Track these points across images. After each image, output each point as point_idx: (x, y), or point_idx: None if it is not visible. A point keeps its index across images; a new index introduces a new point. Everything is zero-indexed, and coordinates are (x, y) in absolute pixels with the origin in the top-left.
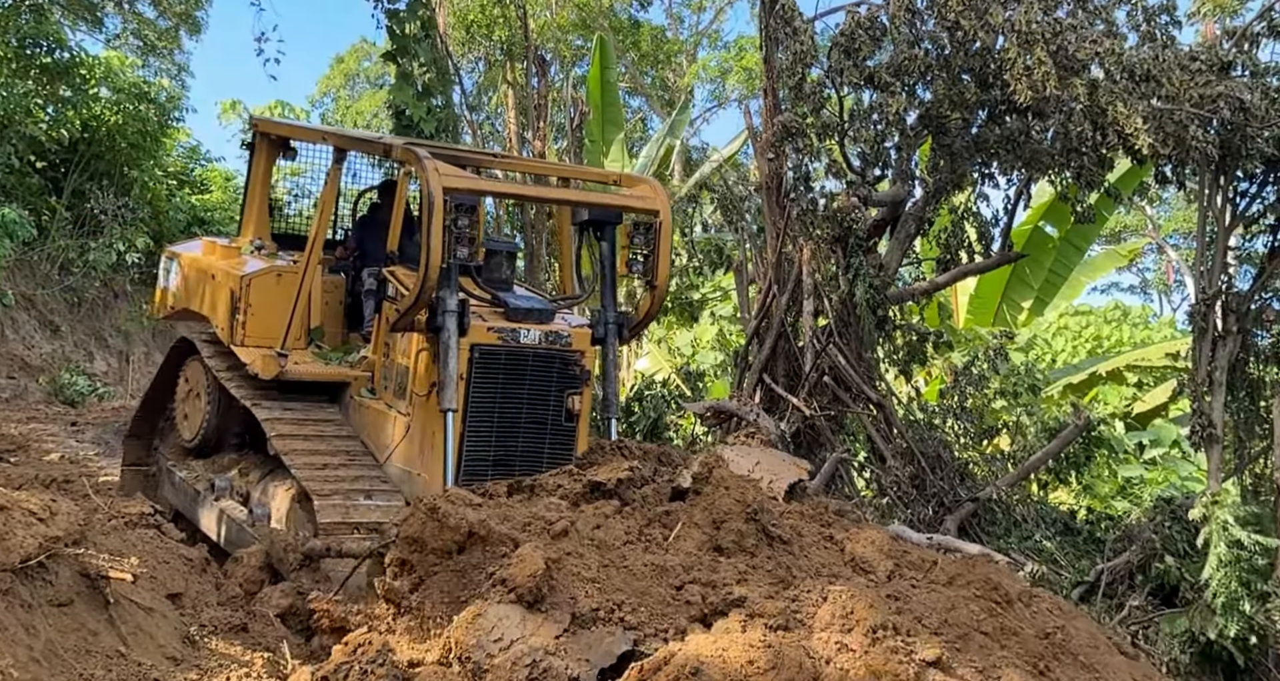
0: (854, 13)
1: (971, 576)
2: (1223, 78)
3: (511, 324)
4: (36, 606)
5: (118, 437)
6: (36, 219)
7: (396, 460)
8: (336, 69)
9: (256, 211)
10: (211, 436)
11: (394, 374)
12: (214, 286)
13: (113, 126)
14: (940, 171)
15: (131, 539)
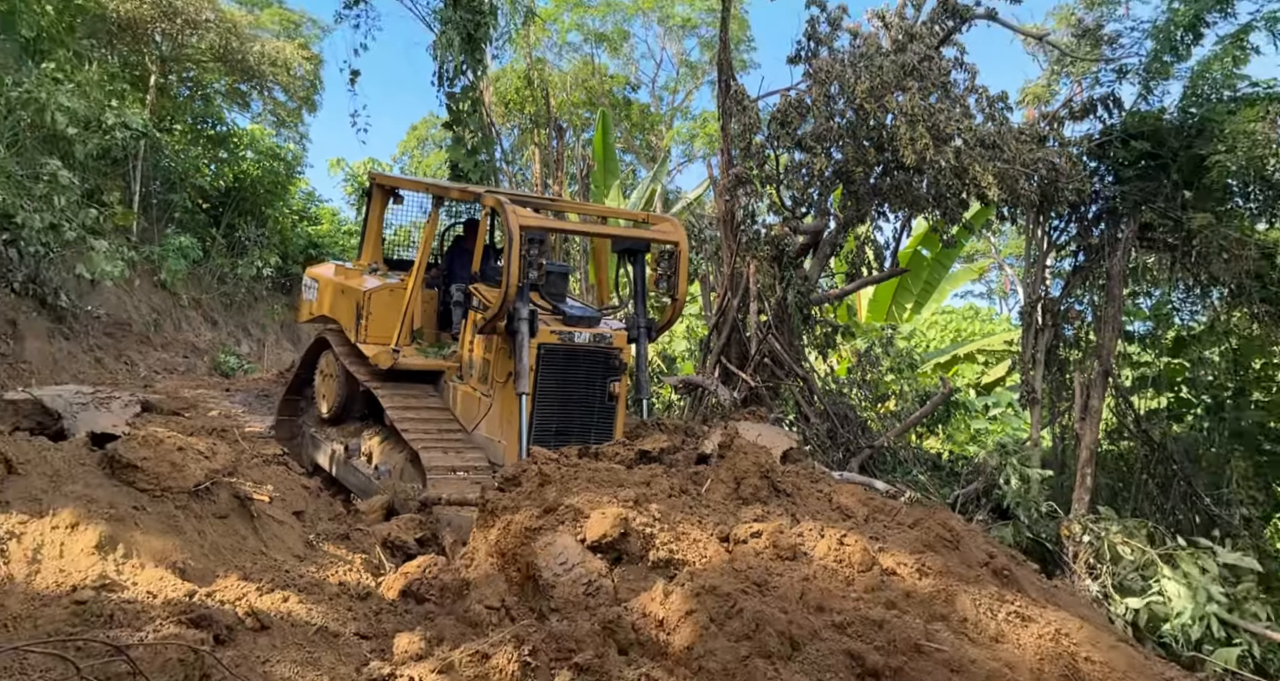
0: (786, 95)
1: (930, 520)
2: (1040, 147)
3: (568, 328)
4: (205, 518)
5: (259, 399)
6: (201, 244)
7: (481, 430)
8: (411, 134)
9: (372, 242)
10: (341, 410)
11: (477, 365)
12: (344, 298)
13: (254, 178)
14: (848, 210)
15: (268, 472)
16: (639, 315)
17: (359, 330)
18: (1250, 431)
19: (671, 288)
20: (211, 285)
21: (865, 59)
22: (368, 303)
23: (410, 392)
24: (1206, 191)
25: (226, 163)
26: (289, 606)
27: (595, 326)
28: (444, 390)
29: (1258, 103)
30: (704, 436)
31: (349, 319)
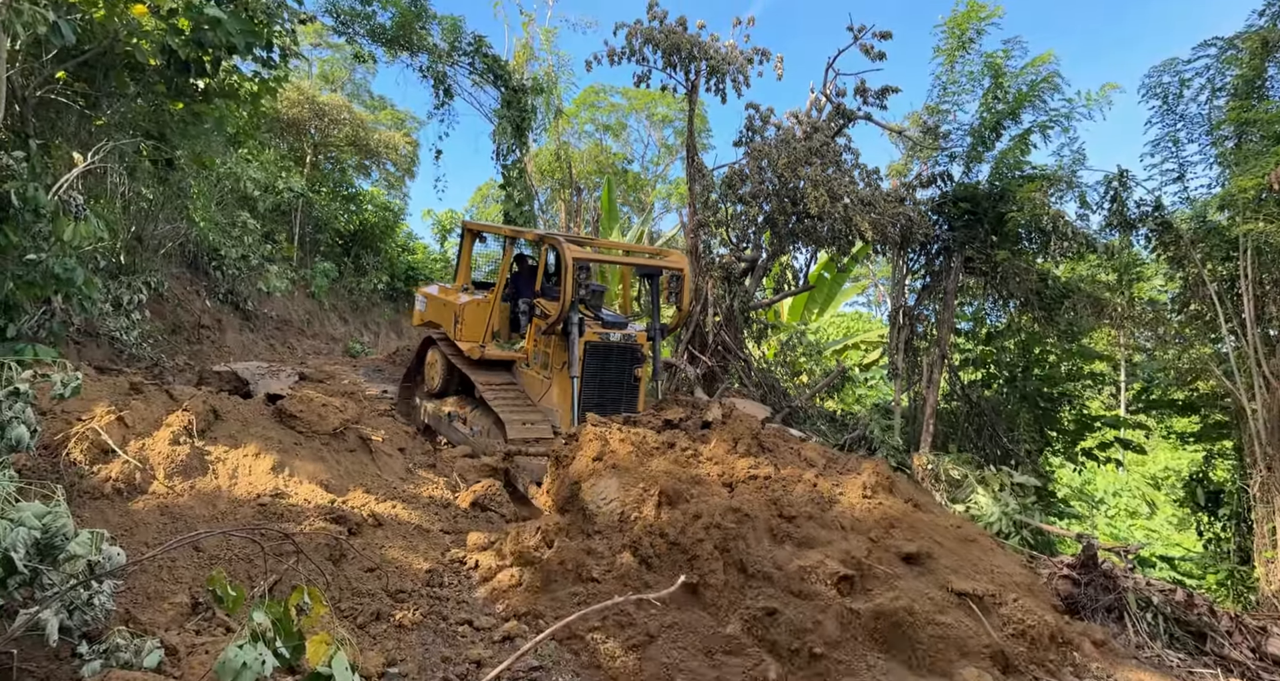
0: (732, 167)
1: (874, 467)
2: (900, 205)
3: (605, 330)
4: (340, 451)
5: (375, 373)
6: (338, 268)
7: (544, 403)
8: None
9: (464, 270)
10: (444, 387)
11: (539, 356)
12: (445, 309)
13: (373, 223)
14: (774, 245)
15: (381, 421)
16: (655, 321)
17: (456, 332)
18: (1032, 395)
19: (679, 302)
20: (344, 295)
21: (784, 143)
22: (462, 313)
23: (493, 375)
24: (1005, 236)
25: (354, 213)
26: (396, 511)
27: (624, 329)
28: (516, 374)
29: (1036, 179)
30: (705, 408)
31: (450, 324)
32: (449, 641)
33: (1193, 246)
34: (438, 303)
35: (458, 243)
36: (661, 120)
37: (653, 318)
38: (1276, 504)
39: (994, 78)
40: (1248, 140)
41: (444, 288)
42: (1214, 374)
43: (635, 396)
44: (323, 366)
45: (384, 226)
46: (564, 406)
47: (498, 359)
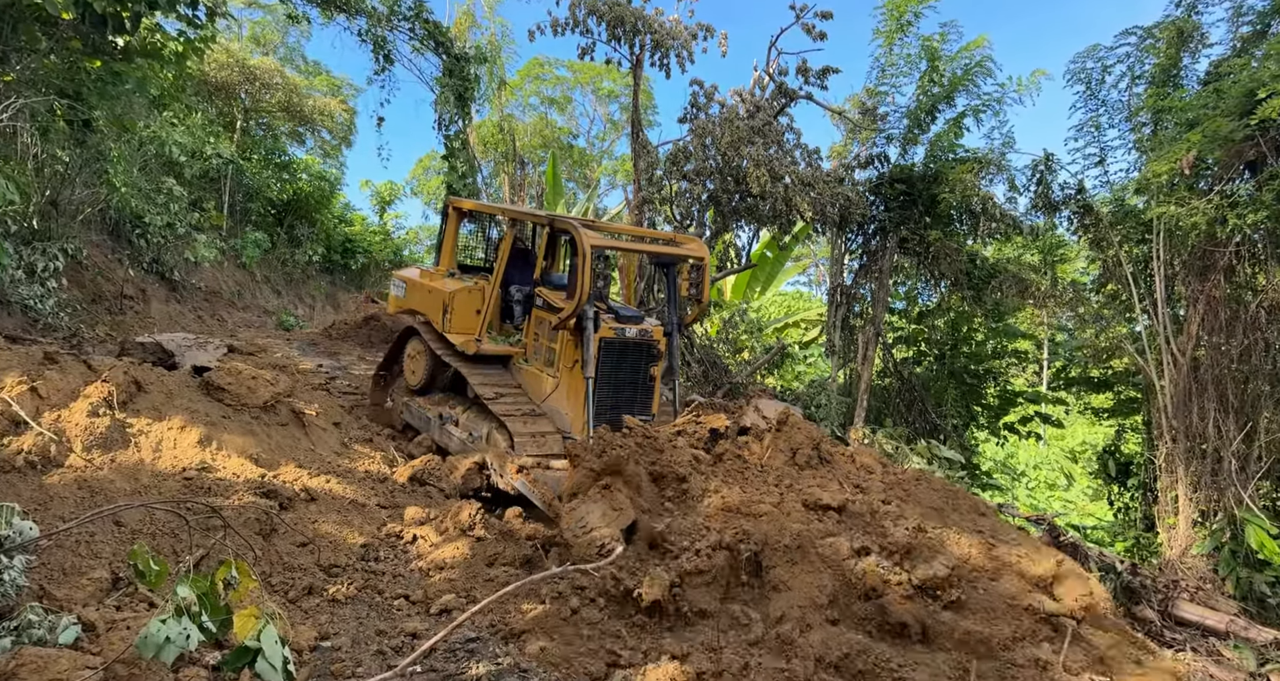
0: (677, 144)
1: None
2: (840, 186)
3: (621, 325)
4: (271, 425)
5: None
6: (270, 239)
7: (549, 403)
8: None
9: (449, 253)
10: (427, 383)
11: (543, 352)
12: (431, 297)
13: (307, 193)
14: (717, 223)
15: (315, 395)
16: (671, 315)
17: (444, 322)
18: (959, 371)
19: (699, 293)
20: (277, 267)
21: (728, 121)
22: (452, 301)
23: (489, 372)
24: (938, 218)
25: (288, 182)
26: (330, 485)
27: (640, 323)
28: (513, 370)
29: (967, 161)
30: (739, 412)
31: (436, 313)
32: (384, 615)
33: (1111, 229)
34: (421, 289)
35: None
36: (607, 95)
37: (668, 311)
38: (1179, 473)
39: (930, 61)
40: (1163, 127)
41: (426, 271)
42: (1128, 352)
43: (649, 397)
44: (254, 339)
45: (319, 196)
46: (575, 409)
47: (494, 354)
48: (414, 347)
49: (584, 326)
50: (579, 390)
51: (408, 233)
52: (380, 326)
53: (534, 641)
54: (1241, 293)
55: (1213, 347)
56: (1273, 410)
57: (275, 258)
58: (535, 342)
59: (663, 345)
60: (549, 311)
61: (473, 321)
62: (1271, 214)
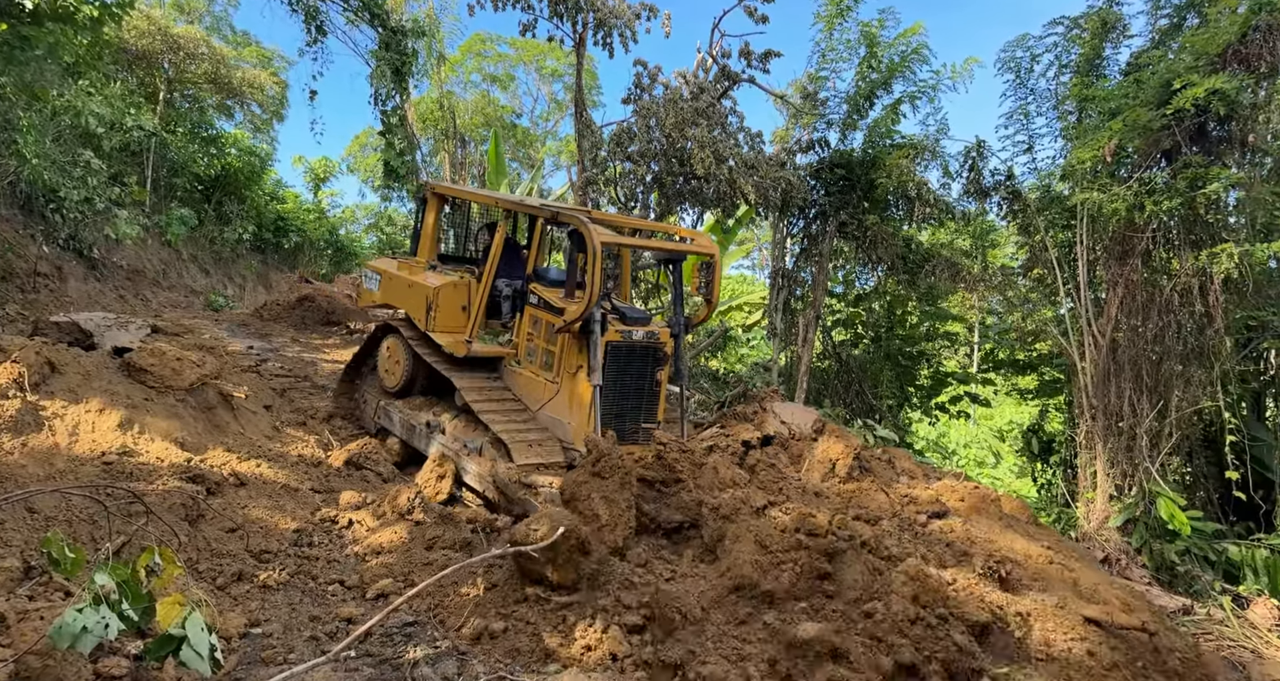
0: (621, 125)
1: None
2: (782, 170)
3: (627, 327)
4: (198, 407)
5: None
6: (197, 216)
7: (547, 411)
8: (355, 141)
9: (430, 242)
10: (406, 386)
11: (538, 354)
12: (412, 292)
13: (236, 169)
14: (662, 205)
15: (245, 378)
16: (678, 315)
17: (428, 320)
18: (894, 353)
19: (709, 292)
20: (205, 245)
21: (672, 103)
22: (437, 297)
23: (477, 376)
24: (876, 202)
25: (216, 157)
26: (261, 470)
27: (646, 325)
28: (503, 372)
29: (904, 147)
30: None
31: (419, 310)
32: (318, 600)
33: (1038, 215)
34: (399, 282)
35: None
36: (551, 74)
37: (675, 311)
38: (1098, 450)
39: (869, 47)
40: (1087, 116)
41: (404, 262)
42: (1052, 335)
43: (655, 404)
44: (180, 320)
45: (249, 172)
46: (577, 418)
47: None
48: (391, 346)
49: (591, 330)
50: (582, 398)
51: (344, 211)
52: (315, 307)
53: (472, 623)
54: (1157, 277)
55: (1130, 330)
56: (1183, 388)
57: (203, 235)
58: (529, 343)
59: (669, 348)
60: (545, 310)
61: (458, 319)
62: (1185, 201)
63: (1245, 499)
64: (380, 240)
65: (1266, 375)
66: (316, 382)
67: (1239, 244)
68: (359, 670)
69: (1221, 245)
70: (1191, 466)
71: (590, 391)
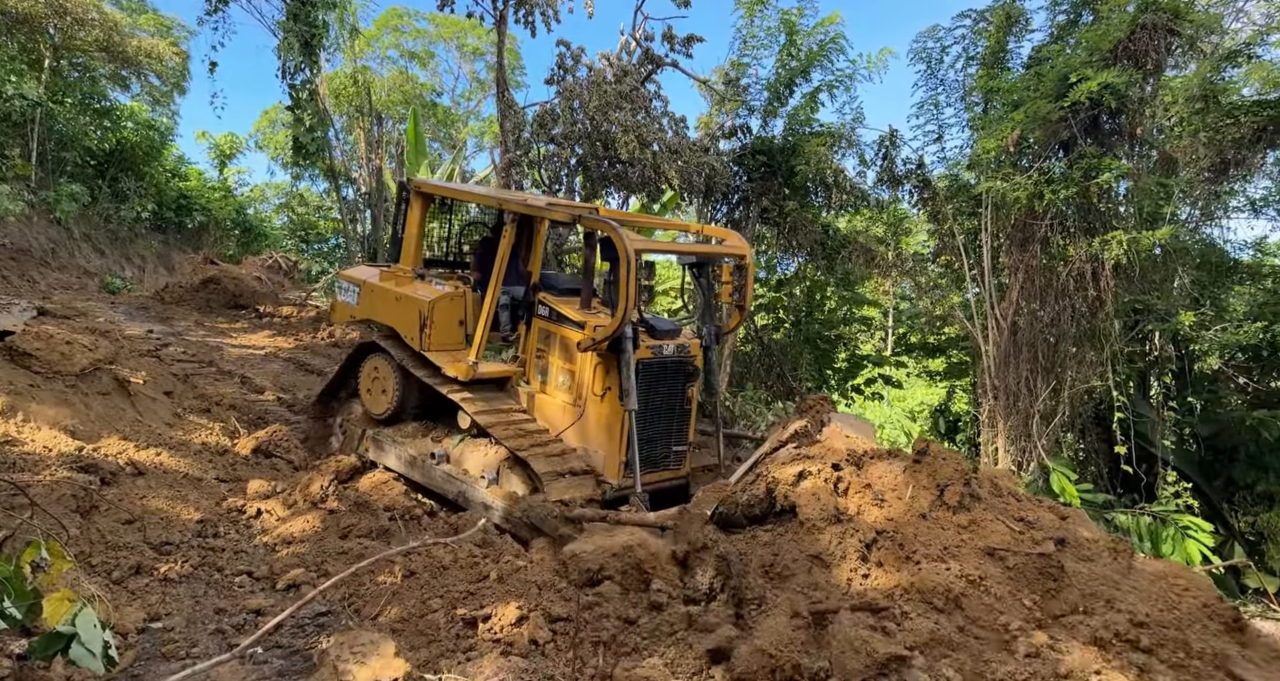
0: (544, 106)
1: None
2: (706, 155)
3: (658, 341)
4: (90, 394)
5: (139, 311)
6: (90, 192)
7: (569, 437)
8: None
9: (416, 248)
10: (397, 412)
11: (553, 373)
12: (401, 306)
13: (133, 143)
14: (588, 189)
15: (143, 362)
16: (708, 324)
17: (423, 338)
18: (813, 337)
19: (742, 298)
20: (99, 224)
21: (596, 85)
22: (432, 312)
23: (487, 397)
24: (796, 189)
25: (110, 130)
26: (161, 458)
27: (676, 338)
28: (510, 391)
29: (822, 135)
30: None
31: (410, 327)
32: (224, 592)
33: (946, 203)
34: (383, 295)
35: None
36: (473, 52)
37: (704, 319)
38: (999, 428)
39: (789, 35)
40: (992, 107)
41: (386, 272)
42: (959, 319)
43: (686, 424)
44: (72, 302)
45: (148, 147)
46: (607, 446)
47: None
48: (377, 368)
49: (624, 348)
50: (612, 423)
51: (252, 189)
52: (221, 290)
53: (390, 612)
54: (1055, 263)
55: (1029, 313)
56: (1076, 369)
57: (97, 213)
58: (539, 360)
59: (699, 361)
60: (560, 324)
61: (454, 335)
62: (1080, 190)
63: (1131, 472)
64: (292, 221)
65: (1151, 356)
66: (222, 368)
67: (1128, 231)
68: (268, 662)
69: (1112, 232)
70: (1084, 442)
71: (623, 416)
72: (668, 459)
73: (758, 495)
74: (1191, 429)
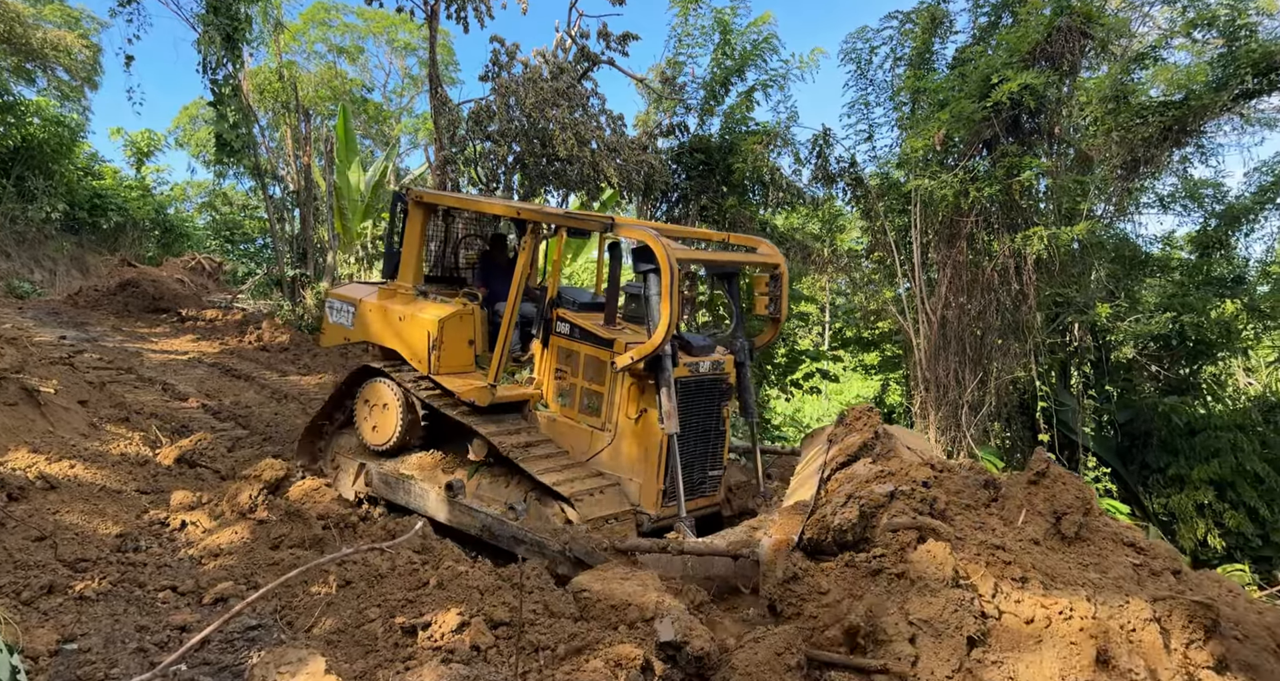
0: (479, 102)
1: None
2: (644, 153)
3: (694, 358)
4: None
5: (50, 316)
6: None
7: (601, 465)
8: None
9: (416, 262)
10: (401, 443)
11: (576, 395)
12: (407, 326)
13: (41, 140)
14: (526, 187)
15: (54, 369)
16: (740, 337)
17: (431, 361)
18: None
19: (777, 310)
20: (4, 225)
21: (532, 82)
22: (441, 332)
23: (503, 420)
24: (734, 187)
25: (14, 126)
26: (75, 471)
27: (711, 354)
28: (527, 416)
29: (758, 134)
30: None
31: (416, 349)
32: (146, 609)
33: (878, 200)
34: (384, 314)
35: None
36: (404, 48)
37: (734, 332)
38: (931, 419)
39: (723, 34)
40: (919, 107)
41: (384, 289)
42: (892, 313)
43: (721, 446)
44: None
45: (57, 144)
46: (644, 473)
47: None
48: (378, 395)
49: (664, 367)
50: (647, 449)
51: (173, 188)
52: (140, 293)
53: (324, 623)
54: (980, 258)
55: (958, 307)
56: (1001, 360)
57: (2, 214)
58: (558, 381)
59: (733, 378)
60: (585, 342)
61: (465, 356)
62: (1003, 188)
63: (1054, 458)
64: (215, 220)
65: (1071, 347)
66: (143, 374)
67: (1048, 227)
68: (195, 679)
69: (1033, 228)
70: (1010, 431)
71: (662, 441)
72: (703, 485)
73: (850, 519)
74: (1109, 416)
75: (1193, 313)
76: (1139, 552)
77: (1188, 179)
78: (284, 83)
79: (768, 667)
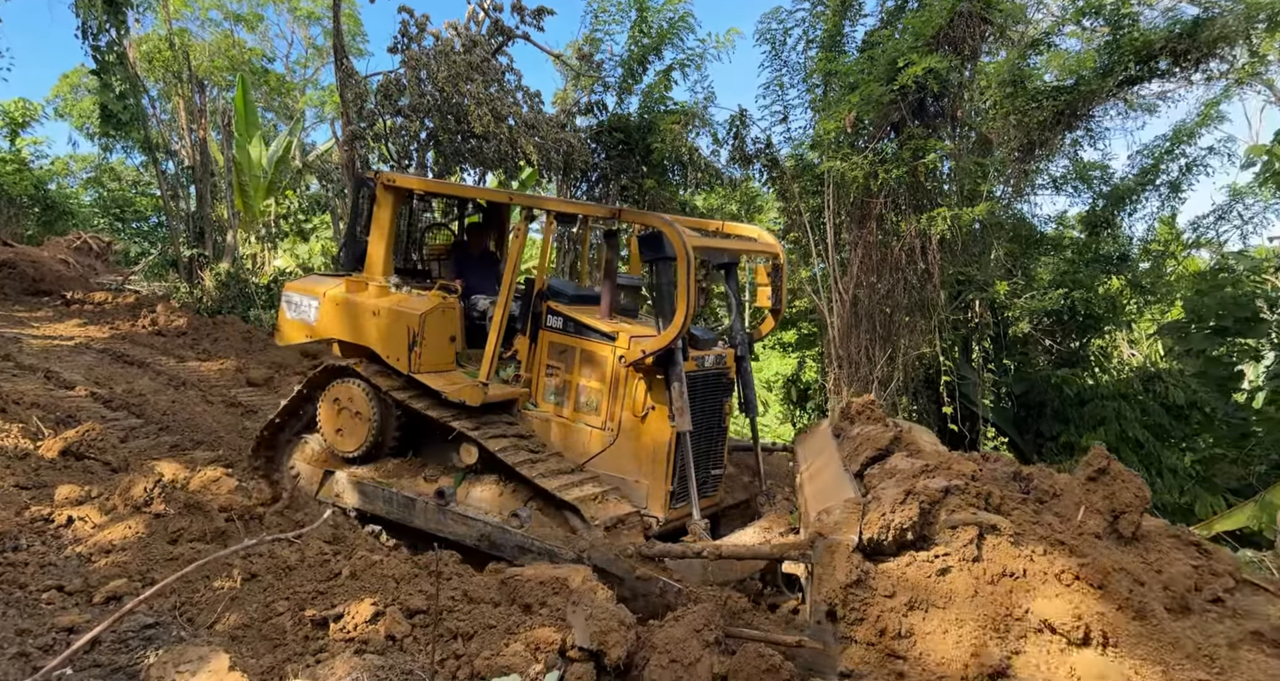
0: (388, 75)
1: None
2: (563, 131)
3: (699, 352)
4: None
5: None
6: None
7: (601, 467)
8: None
9: (388, 253)
10: (374, 449)
11: (571, 393)
12: (382, 321)
13: None
14: (440, 165)
15: None
16: (740, 330)
17: (412, 359)
18: None
19: (778, 301)
20: None
21: (444, 55)
22: (423, 327)
23: (498, 426)
24: (653, 167)
25: None
26: None
27: (714, 347)
28: (517, 416)
29: (676, 113)
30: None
31: (395, 347)
32: (28, 611)
33: (793, 181)
34: (355, 310)
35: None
36: (307, 17)
37: (735, 325)
38: (844, 394)
39: (639, 11)
40: (831, 89)
41: (352, 281)
42: (807, 293)
43: (723, 443)
44: None
45: None
46: (651, 475)
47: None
48: (348, 397)
49: (675, 361)
50: (655, 448)
51: (53, 162)
52: (19, 275)
53: (228, 619)
54: (889, 239)
55: (869, 286)
56: (909, 337)
57: None
58: (549, 378)
59: (733, 372)
60: (576, 335)
61: (446, 353)
62: (909, 170)
63: (957, 430)
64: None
65: (972, 323)
66: (22, 362)
67: (951, 208)
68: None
69: (937, 209)
70: (917, 404)
71: (670, 440)
72: (706, 484)
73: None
74: (1007, 388)
75: (1082, 289)
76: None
77: (1078, 161)
78: (175, 51)
79: (686, 644)
